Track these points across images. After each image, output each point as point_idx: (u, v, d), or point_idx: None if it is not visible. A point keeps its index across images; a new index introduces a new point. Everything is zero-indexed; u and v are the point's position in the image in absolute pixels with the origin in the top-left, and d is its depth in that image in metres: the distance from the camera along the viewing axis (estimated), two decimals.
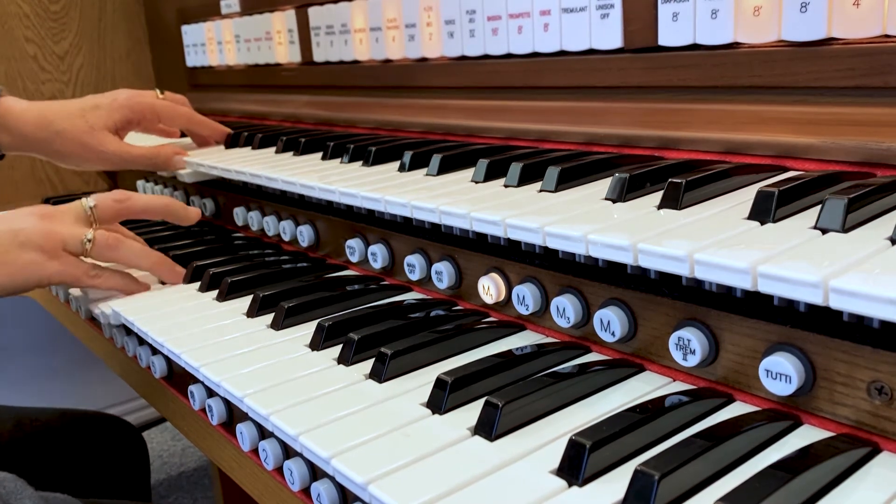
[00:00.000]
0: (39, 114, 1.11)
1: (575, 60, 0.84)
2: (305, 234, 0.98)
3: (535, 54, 0.88)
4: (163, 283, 0.95)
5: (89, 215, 0.89)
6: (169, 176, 1.26)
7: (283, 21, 1.29)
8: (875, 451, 0.47)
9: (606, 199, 0.63)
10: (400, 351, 0.64)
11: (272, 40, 1.33)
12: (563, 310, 0.64)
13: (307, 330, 0.74)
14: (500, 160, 0.76)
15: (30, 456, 1.07)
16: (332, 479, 0.54)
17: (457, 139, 0.97)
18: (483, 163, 0.76)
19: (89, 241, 0.86)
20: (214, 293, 0.87)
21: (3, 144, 1.11)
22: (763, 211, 0.53)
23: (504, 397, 0.53)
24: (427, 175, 0.82)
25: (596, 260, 0.63)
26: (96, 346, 1.07)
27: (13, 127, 1.10)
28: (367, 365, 0.65)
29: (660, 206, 0.59)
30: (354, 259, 0.89)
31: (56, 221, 0.87)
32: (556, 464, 0.48)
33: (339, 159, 0.96)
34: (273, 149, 1.11)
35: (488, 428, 0.52)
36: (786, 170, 0.65)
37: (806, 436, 0.49)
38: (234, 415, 0.71)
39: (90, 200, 0.90)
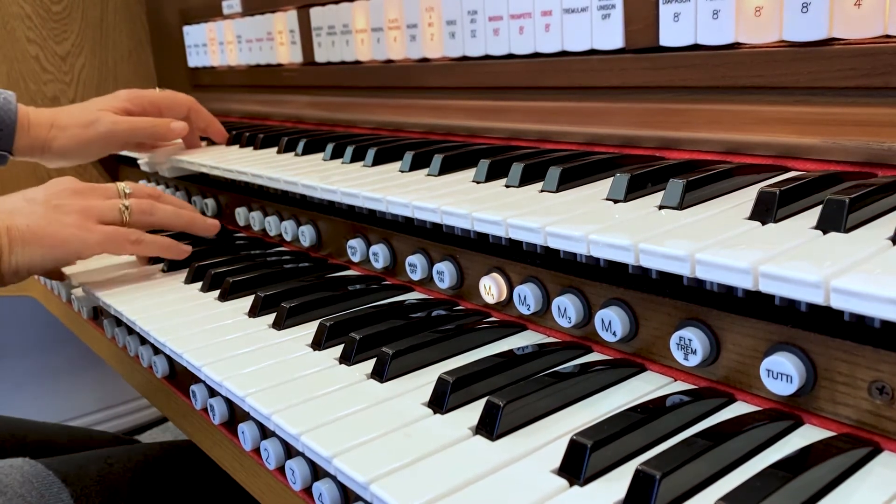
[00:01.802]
0: (49, 115, 1.13)
1: (576, 61, 0.84)
2: (307, 234, 0.98)
3: (537, 55, 0.88)
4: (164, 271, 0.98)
5: (122, 197, 0.94)
6: (171, 176, 1.26)
7: (284, 21, 1.29)
8: (876, 451, 0.47)
9: (608, 199, 0.64)
10: (401, 351, 0.64)
11: (274, 41, 1.33)
12: (565, 310, 0.64)
13: (309, 330, 0.74)
14: (502, 160, 0.77)
15: None
16: (334, 478, 0.54)
17: (458, 139, 0.97)
18: (484, 163, 0.76)
19: (126, 208, 0.91)
20: (216, 293, 0.88)
21: (19, 149, 1.11)
22: (764, 211, 0.53)
23: (505, 397, 0.53)
24: (428, 175, 0.82)
25: (597, 260, 0.63)
26: (98, 345, 1.08)
27: (28, 130, 1.10)
28: (369, 365, 0.65)
29: (661, 207, 0.59)
30: (356, 259, 0.89)
31: (92, 197, 0.91)
32: (557, 463, 0.48)
33: (340, 159, 0.97)
34: (275, 149, 1.11)
35: (490, 427, 0.52)
36: (787, 170, 0.65)
37: (807, 435, 0.49)
38: (236, 414, 0.71)
39: (126, 187, 0.95)
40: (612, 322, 0.60)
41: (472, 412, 0.55)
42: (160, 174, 1.29)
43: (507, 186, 0.73)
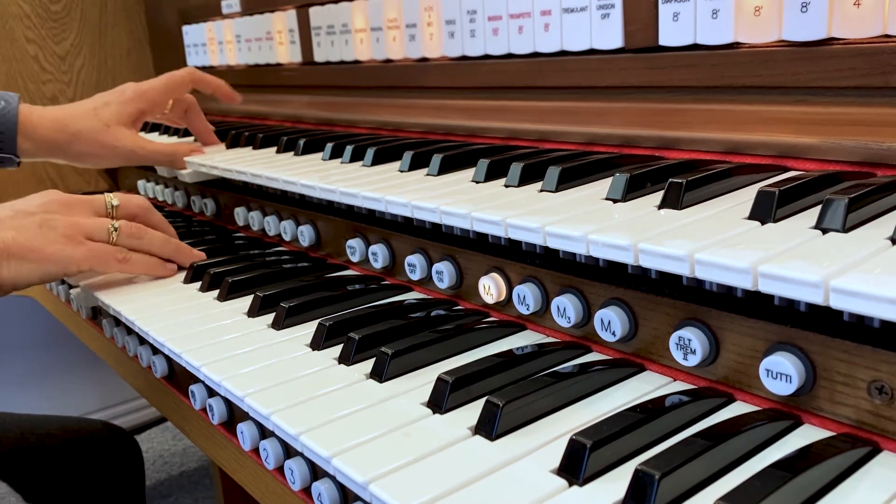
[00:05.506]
0: (55, 118, 1.11)
1: (575, 60, 0.84)
2: (306, 234, 0.98)
3: (536, 54, 0.88)
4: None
5: (109, 212, 0.92)
6: (170, 176, 1.26)
7: (283, 21, 1.29)
8: (875, 451, 0.47)
9: (607, 199, 0.64)
10: (400, 350, 0.64)
11: (273, 40, 1.33)
12: (564, 309, 0.64)
13: (308, 330, 0.74)
14: (501, 160, 0.77)
15: (29, 467, 1.08)
16: (333, 478, 0.54)
17: (457, 139, 0.97)
18: (484, 163, 0.76)
19: (115, 230, 0.89)
20: (215, 293, 0.88)
21: (25, 151, 1.10)
22: (764, 211, 0.53)
23: (505, 397, 0.53)
24: (428, 175, 0.82)
25: (596, 260, 0.63)
26: (97, 345, 1.07)
27: (32, 133, 1.09)
28: (368, 364, 0.65)
29: (660, 206, 0.59)
30: (355, 259, 0.89)
31: (80, 212, 0.90)
32: (556, 463, 0.48)
33: (339, 159, 0.97)
34: (274, 149, 1.11)
35: (489, 427, 0.52)
36: (786, 170, 0.65)
37: (806, 435, 0.49)
38: (235, 414, 0.71)
39: (113, 199, 0.93)
40: (611, 322, 0.60)
41: (472, 412, 0.55)
42: (158, 174, 1.29)
43: (507, 186, 0.73)
